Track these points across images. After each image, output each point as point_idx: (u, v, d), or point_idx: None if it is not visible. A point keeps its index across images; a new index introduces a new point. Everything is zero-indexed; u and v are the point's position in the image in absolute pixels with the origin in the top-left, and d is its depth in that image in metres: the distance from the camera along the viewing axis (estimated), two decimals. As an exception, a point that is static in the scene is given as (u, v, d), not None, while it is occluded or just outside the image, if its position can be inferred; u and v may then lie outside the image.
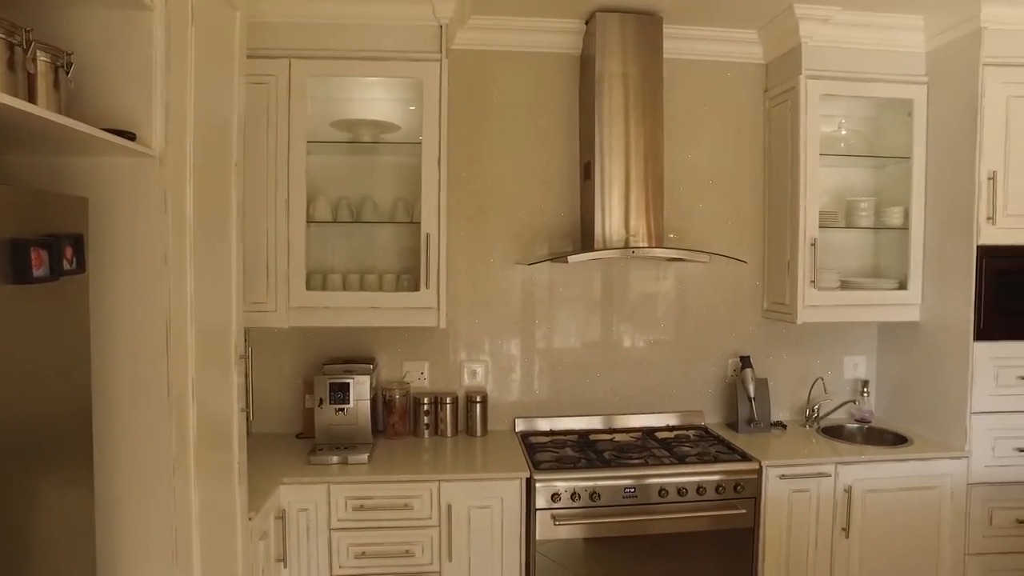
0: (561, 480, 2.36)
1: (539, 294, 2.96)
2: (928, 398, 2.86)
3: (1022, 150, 2.64)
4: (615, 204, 2.69)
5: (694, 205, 3.04)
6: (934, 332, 2.83)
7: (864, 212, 2.93)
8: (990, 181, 2.63)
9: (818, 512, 2.55)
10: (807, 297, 2.79)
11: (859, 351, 3.20)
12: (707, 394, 3.09)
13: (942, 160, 2.80)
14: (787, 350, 3.14)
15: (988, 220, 2.63)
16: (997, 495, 2.68)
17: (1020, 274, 2.66)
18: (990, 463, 2.67)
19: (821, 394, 3.12)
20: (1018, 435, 2.69)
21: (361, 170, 2.83)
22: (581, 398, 3.00)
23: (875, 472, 2.58)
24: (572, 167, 2.96)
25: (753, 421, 2.92)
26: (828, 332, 3.16)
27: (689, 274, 3.05)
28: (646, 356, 3.04)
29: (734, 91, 3.07)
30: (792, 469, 2.53)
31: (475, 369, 2.92)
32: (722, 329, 3.09)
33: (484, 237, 2.92)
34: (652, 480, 2.41)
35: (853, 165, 3.11)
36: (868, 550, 2.59)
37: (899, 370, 3.06)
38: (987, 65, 2.62)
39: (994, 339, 2.66)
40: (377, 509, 2.29)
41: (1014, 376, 2.68)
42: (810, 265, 2.78)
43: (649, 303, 3.03)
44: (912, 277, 2.89)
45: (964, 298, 2.68)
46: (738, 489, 2.46)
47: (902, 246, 2.95)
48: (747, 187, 3.08)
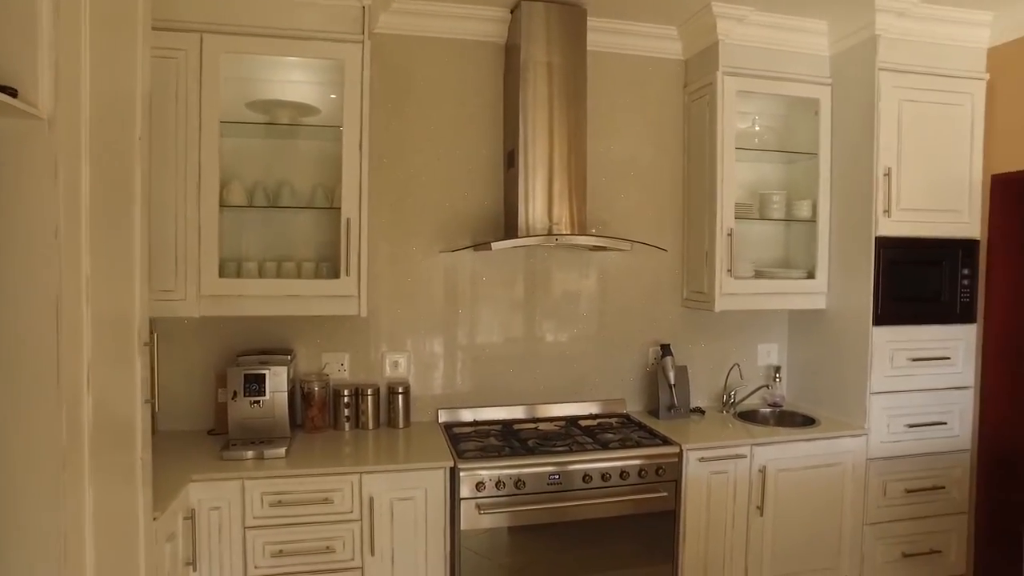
0: (485, 468, 2.34)
1: (462, 284, 2.93)
2: (833, 381, 3.03)
3: (912, 149, 2.84)
4: (538, 192, 2.70)
5: (615, 197, 3.09)
6: (838, 319, 3.00)
7: (776, 204, 3.07)
8: (886, 177, 2.81)
9: (735, 492, 2.64)
10: (724, 285, 2.89)
11: (772, 339, 3.35)
12: (629, 382, 3.15)
13: (845, 157, 2.97)
14: (705, 338, 3.25)
15: (885, 213, 2.81)
16: (891, 468, 2.87)
17: (910, 263, 2.86)
18: (885, 439, 2.86)
19: (737, 380, 3.25)
20: (909, 412, 2.89)
21: (279, 154, 2.72)
22: (505, 388, 2.99)
23: (786, 452, 2.70)
24: (496, 156, 2.95)
25: (673, 407, 3.00)
26: (743, 320, 3.29)
27: (611, 264, 3.10)
28: (569, 346, 3.06)
29: (655, 86, 3.14)
30: (711, 452, 2.61)
31: (397, 360, 2.86)
32: (643, 318, 3.16)
33: (407, 225, 2.86)
34: (576, 466, 2.43)
35: (766, 160, 3.25)
36: (780, 526, 2.71)
37: (807, 356, 3.22)
38: (882, 70, 2.80)
39: (889, 324, 2.84)
40: (295, 504, 2.20)
41: (905, 358, 2.87)
42: (727, 254, 2.88)
43: (572, 293, 3.06)
44: (819, 267, 3.05)
45: (864, 286, 2.85)
46: (660, 473, 2.52)
47: (810, 238, 3.11)
48: (667, 180, 3.16)
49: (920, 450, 2.91)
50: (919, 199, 2.86)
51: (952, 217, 2.92)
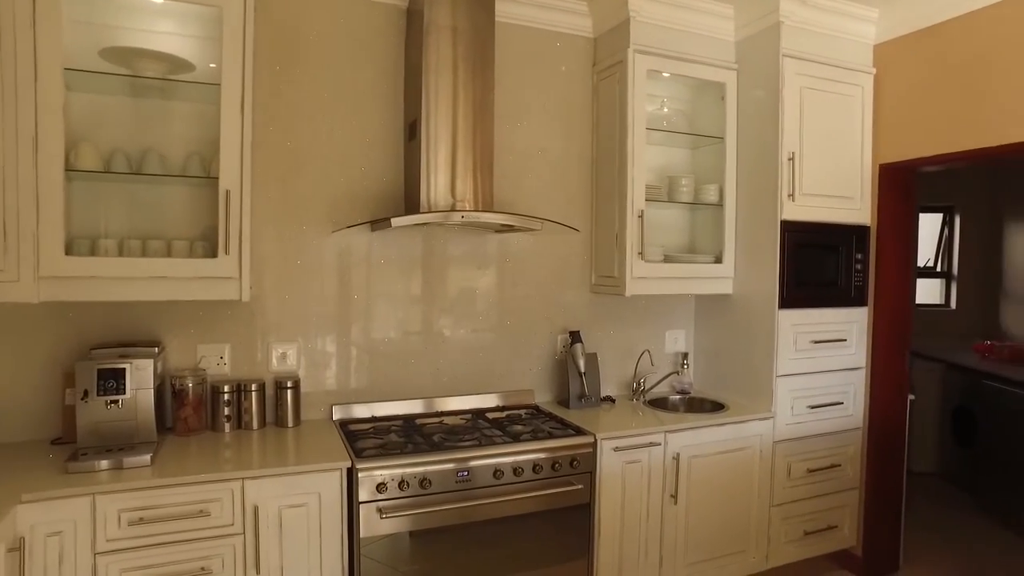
0: (387, 468, 2.11)
1: (358, 268, 2.67)
2: (739, 366, 3.03)
3: (813, 136, 2.89)
4: (441, 167, 2.50)
5: (522, 177, 2.94)
6: (744, 303, 3.01)
7: (685, 188, 3.03)
8: (790, 162, 2.84)
9: (649, 481, 2.56)
10: (635, 269, 2.81)
11: (678, 325, 3.32)
12: (537, 371, 3.02)
13: (750, 142, 2.98)
14: (614, 325, 3.17)
15: (789, 197, 2.84)
16: (794, 449, 2.91)
17: (812, 247, 2.91)
18: (790, 421, 2.89)
19: (648, 367, 3.19)
20: (811, 394, 2.95)
21: (146, 115, 2.34)
22: (404, 381, 2.76)
23: (699, 438, 2.66)
24: (397, 127, 2.72)
25: (584, 396, 2.89)
26: (651, 306, 3.24)
27: (518, 248, 2.94)
28: (473, 334, 2.88)
29: (564, 62, 3.02)
30: (625, 440, 2.51)
31: (285, 352, 2.56)
32: (551, 305, 3.03)
33: (297, 202, 2.57)
34: (486, 461, 2.25)
35: (674, 144, 3.22)
36: (693, 513, 2.67)
37: (713, 342, 3.22)
38: (785, 56, 2.82)
39: (793, 307, 2.88)
40: (163, 520, 1.87)
41: (808, 341, 2.92)
42: (638, 237, 2.81)
43: (476, 279, 2.88)
44: (726, 252, 3.04)
45: (770, 270, 2.86)
46: (574, 464, 2.39)
47: (717, 222, 3.11)
48: (575, 161, 3.05)
49: (820, 430, 2.97)
50: (819, 185, 2.91)
51: (847, 204, 3.00)
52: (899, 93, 2.99)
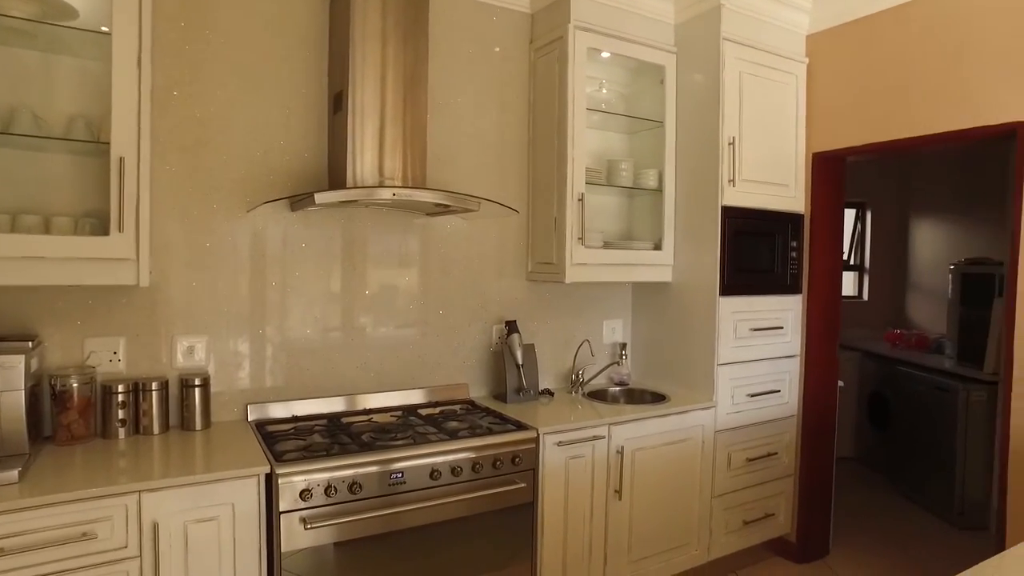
0: (311, 472, 1.88)
1: (276, 251, 2.41)
2: (679, 355, 2.97)
3: (751, 122, 2.85)
4: (368, 142, 2.28)
5: (456, 157, 2.76)
6: (684, 291, 2.94)
7: (624, 172, 2.94)
8: (731, 146, 2.79)
9: (593, 477, 2.44)
10: (575, 255, 2.68)
11: (616, 315, 3.23)
12: (472, 365, 2.84)
13: (690, 126, 2.92)
14: (551, 315, 3.04)
15: (730, 183, 2.79)
16: (734, 439, 2.87)
17: (751, 234, 2.88)
18: (730, 410, 2.85)
19: (585, 359, 3.08)
20: (750, 383, 2.92)
21: (13, 67, 1.99)
22: (328, 377, 2.52)
23: (642, 430, 2.56)
24: (321, 98, 2.47)
25: (522, 390, 2.74)
26: (589, 295, 3.14)
27: (451, 232, 2.76)
28: (403, 325, 2.67)
29: (500, 37, 2.85)
30: (569, 435, 2.38)
31: (192, 345, 2.27)
32: (486, 293, 2.86)
33: (206, 177, 2.28)
34: (421, 461, 2.06)
35: (611, 129, 3.13)
36: (637, 509, 2.57)
37: (652, 331, 3.14)
38: (726, 40, 2.77)
39: (733, 294, 2.83)
40: (34, 549, 1.57)
41: (747, 328, 2.89)
42: (578, 221, 2.68)
43: (406, 265, 2.67)
44: (666, 238, 2.97)
45: (711, 256, 2.81)
46: (516, 462, 2.24)
47: (656, 208, 3.03)
48: (512, 141, 2.89)
49: (759, 419, 2.95)
50: (757, 171, 2.89)
51: (783, 191, 3.00)
52: (831, 83, 3.01)
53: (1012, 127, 2.42)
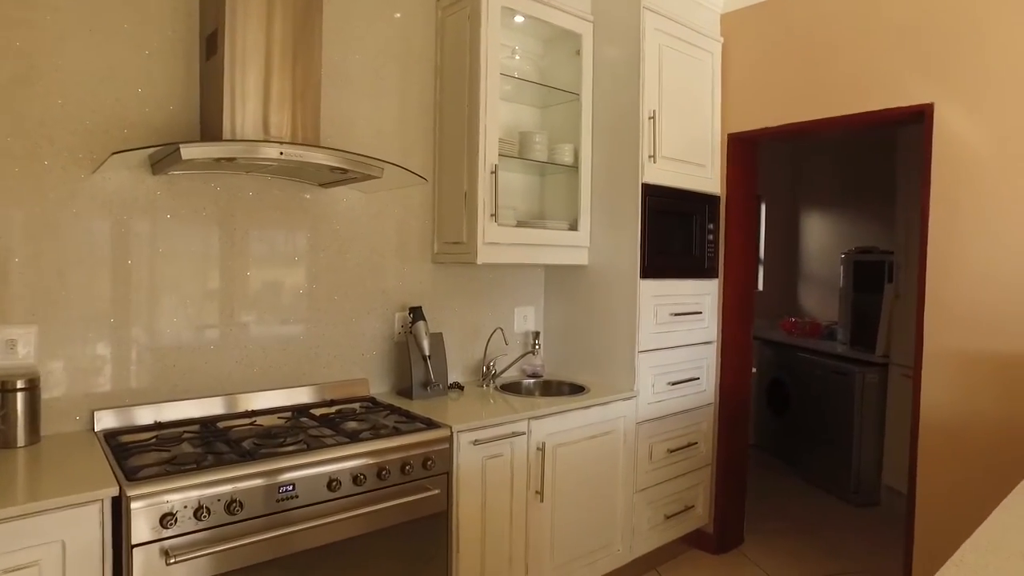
0: (177, 490, 1.50)
1: (133, 223, 1.97)
2: (596, 343, 2.79)
3: (671, 98, 2.72)
4: (251, 92, 1.90)
5: (350, 122, 2.42)
6: (602, 274, 2.76)
7: (539, 145, 2.71)
8: (651, 121, 2.64)
9: (512, 478, 2.20)
10: (487, 233, 2.43)
11: (528, 301, 3.01)
12: (372, 357, 2.51)
13: (608, 100, 2.74)
14: (458, 302, 2.76)
15: (650, 159, 2.64)
16: (656, 430, 2.73)
17: (670, 215, 2.75)
18: (652, 400, 2.70)
19: (496, 350, 2.84)
20: (671, 370, 2.79)
21: None
22: (201, 373, 2.11)
23: (564, 424, 2.35)
24: (191, 41, 2.06)
25: (430, 384, 2.45)
26: (499, 280, 2.89)
27: (347, 209, 2.42)
28: (292, 313, 2.31)
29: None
30: (486, 432, 2.12)
31: (14, 338, 1.79)
32: (387, 278, 2.54)
33: (34, 126, 1.80)
34: (317, 470, 1.72)
35: (523, 101, 2.90)
36: (560, 510, 2.35)
37: (566, 318, 2.94)
38: (647, 9, 2.62)
39: (654, 277, 2.69)
40: None
41: (667, 314, 2.76)
42: (490, 196, 2.43)
43: (295, 245, 2.30)
44: (582, 218, 2.78)
45: (631, 237, 2.65)
46: (428, 465, 1.94)
47: (571, 187, 2.84)
48: (415, 106, 2.59)
49: (679, 408, 2.83)
50: (676, 149, 2.76)
51: (700, 171, 2.90)
52: (745, 63, 2.94)
53: (921, 109, 2.42)
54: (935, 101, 2.39)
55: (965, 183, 2.33)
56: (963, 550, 1.17)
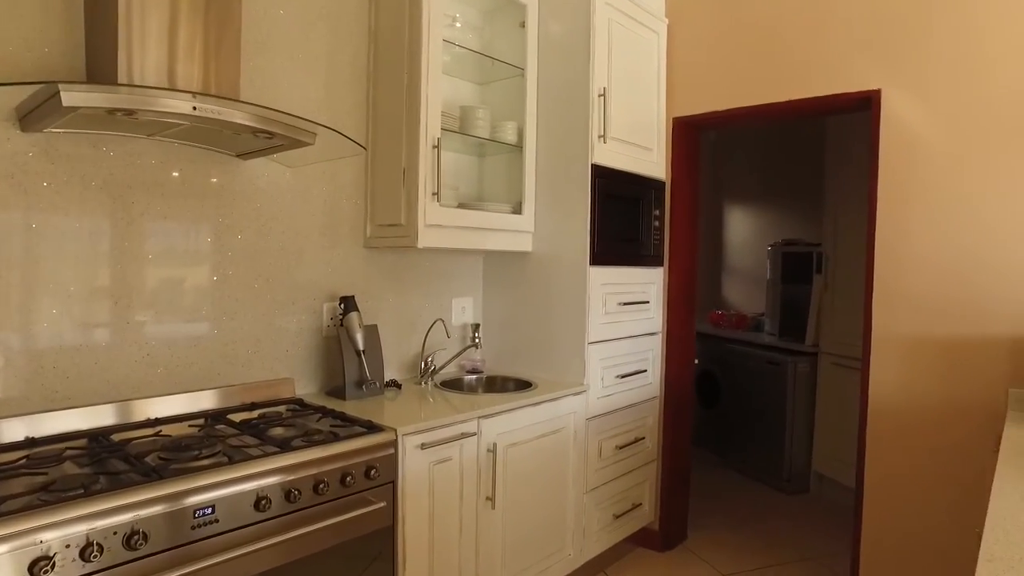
0: (55, 526, 1.18)
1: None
2: (543, 335, 2.61)
3: (619, 77, 2.58)
4: (152, 35, 1.58)
5: (271, 85, 2.12)
6: (548, 261, 2.59)
7: (481, 121, 2.50)
8: (601, 98, 2.49)
9: (462, 484, 1.98)
10: (428, 214, 2.19)
11: (466, 291, 2.79)
12: (297, 354, 2.22)
13: (555, 75, 2.57)
14: (393, 292, 2.51)
15: (600, 139, 2.49)
16: (605, 426, 2.59)
17: (619, 199, 2.61)
18: (601, 394, 2.56)
19: (441, 341, 2.61)
20: (620, 362, 2.66)
21: None
22: (92, 377, 1.76)
23: (515, 423, 2.16)
24: (70, -30, 1.70)
25: (365, 382, 2.19)
26: (437, 268, 2.66)
27: (268, 185, 2.11)
28: (203, 305, 1.98)
29: (331, -61, 2.26)
30: (434, 433, 1.89)
31: None
32: (315, 264, 2.26)
33: None
34: (241, 487, 1.44)
35: (463, 76, 2.68)
36: (512, 516, 2.16)
37: (508, 309, 2.75)
38: (594, -21, 2.47)
39: (603, 264, 2.54)
40: None
41: (616, 303, 2.62)
42: (433, 173, 2.20)
43: (207, 225, 1.98)
44: (526, 201, 2.59)
45: (580, 222, 2.49)
46: (372, 475, 1.70)
47: (514, 168, 2.65)
48: (347, 74, 2.31)
49: (627, 402, 2.70)
50: (624, 131, 2.63)
51: (647, 155, 2.78)
52: (691, 45, 2.86)
53: (869, 95, 2.41)
54: (883, 87, 2.38)
55: (912, 170, 2.32)
56: (987, 542, 1.08)
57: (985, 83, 2.18)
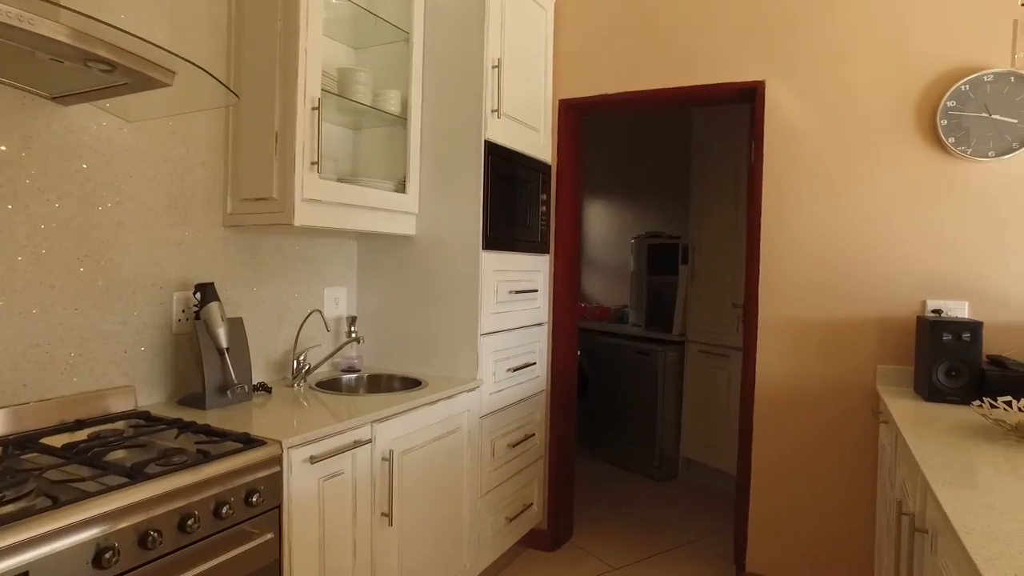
0: None
1: None
2: (430, 328, 2.37)
3: (511, 51, 2.42)
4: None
5: (109, 14, 1.67)
6: (435, 245, 2.35)
7: (362, 86, 2.20)
8: (495, 70, 2.31)
9: (356, 500, 1.70)
10: (307, 187, 1.87)
11: (339, 280, 2.47)
12: (138, 356, 1.78)
13: (444, 43, 2.33)
14: (257, 280, 2.13)
15: (493, 113, 2.31)
16: (498, 423, 2.41)
17: (509, 180, 2.44)
18: (494, 389, 2.38)
19: (309, 340, 2.27)
20: (511, 354, 2.50)
21: None
22: None
23: (411, 425, 1.91)
24: None
25: (231, 386, 1.81)
26: (307, 254, 2.32)
27: (98, 141, 1.67)
28: (3, 293, 1.51)
29: None
30: (324, 443, 1.59)
31: None
32: (162, 244, 1.83)
33: None
34: (72, 538, 1.06)
35: (335, 37, 2.35)
36: (409, 531, 1.91)
37: (388, 300, 2.47)
38: (485, -60, 2.27)
39: (495, 249, 2.36)
40: None
41: (507, 291, 2.45)
42: (312, 140, 1.88)
43: (10, 186, 1.51)
44: (410, 179, 2.33)
45: (472, 202, 2.28)
46: (254, 501, 1.37)
47: (396, 142, 2.38)
48: (203, 17, 1.90)
49: (518, 396, 2.55)
50: (515, 108, 2.47)
51: (535, 137, 2.64)
52: (579, 26, 2.77)
53: (754, 85, 2.46)
54: (766, 79, 2.44)
55: (792, 160, 2.40)
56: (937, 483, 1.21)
57: (851, 77, 2.30)
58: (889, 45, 2.26)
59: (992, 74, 2.13)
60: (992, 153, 2.13)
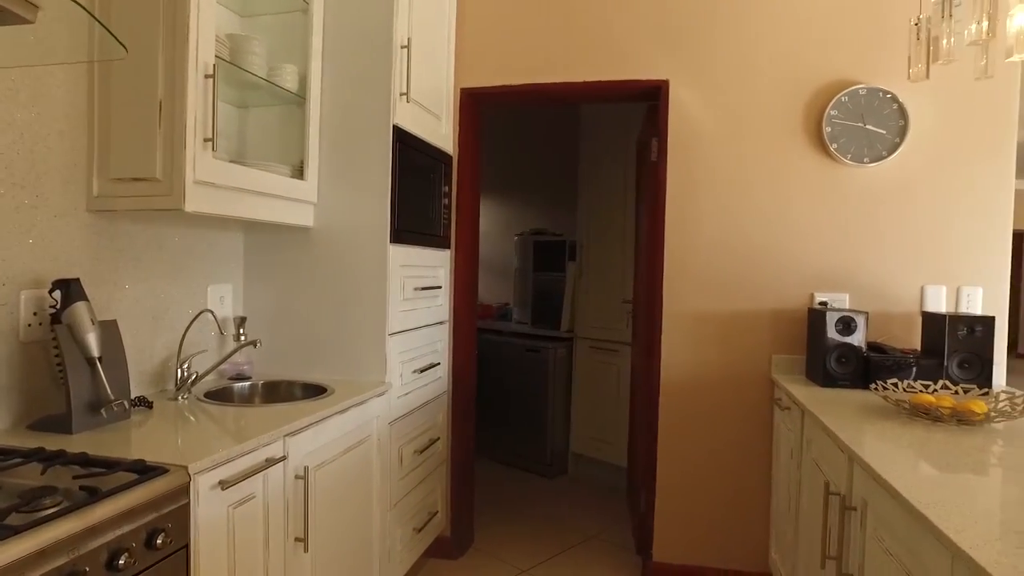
0: None
1: None
2: (331, 328, 2.16)
3: (419, 33, 2.28)
4: None
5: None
6: (337, 238, 2.15)
7: (256, 57, 1.95)
8: (404, 50, 2.15)
9: (268, 526, 1.48)
10: (200, 167, 1.61)
11: (224, 277, 2.18)
12: (-30, 371, 1.44)
13: (349, 17, 2.14)
14: (130, 275, 1.81)
15: (402, 96, 2.15)
16: (405, 429, 2.27)
17: (415, 169, 2.30)
18: (401, 392, 2.23)
19: (192, 344, 1.97)
20: (417, 355, 2.37)
21: None
22: None
23: (323, 437, 1.71)
24: None
25: (106, 403, 1.51)
26: (188, 246, 2.02)
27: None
28: None
29: None
30: (234, 465, 1.37)
31: None
32: (3, 234, 1.49)
33: None
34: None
35: (222, 3, 2.07)
36: (323, 556, 1.72)
37: (281, 299, 2.22)
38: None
39: (404, 243, 2.21)
40: None
41: (412, 288, 2.31)
42: (207, 112, 1.62)
43: None
44: (309, 165, 2.11)
45: (379, 192, 2.12)
46: (158, 543, 1.13)
47: (292, 123, 2.15)
48: (57, -45, 1.57)
49: (423, 399, 2.42)
50: (421, 94, 2.32)
51: (437, 125, 2.52)
52: (483, 14, 2.68)
53: (659, 84, 2.51)
54: (671, 78, 2.50)
55: (696, 160, 2.48)
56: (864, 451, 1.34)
57: (752, 82, 2.43)
58: (788, 54, 2.40)
59: (865, 88, 2.33)
60: (867, 160, 2.34)
